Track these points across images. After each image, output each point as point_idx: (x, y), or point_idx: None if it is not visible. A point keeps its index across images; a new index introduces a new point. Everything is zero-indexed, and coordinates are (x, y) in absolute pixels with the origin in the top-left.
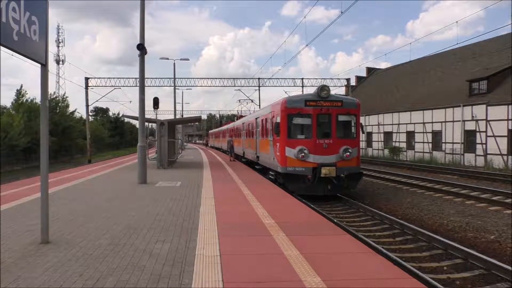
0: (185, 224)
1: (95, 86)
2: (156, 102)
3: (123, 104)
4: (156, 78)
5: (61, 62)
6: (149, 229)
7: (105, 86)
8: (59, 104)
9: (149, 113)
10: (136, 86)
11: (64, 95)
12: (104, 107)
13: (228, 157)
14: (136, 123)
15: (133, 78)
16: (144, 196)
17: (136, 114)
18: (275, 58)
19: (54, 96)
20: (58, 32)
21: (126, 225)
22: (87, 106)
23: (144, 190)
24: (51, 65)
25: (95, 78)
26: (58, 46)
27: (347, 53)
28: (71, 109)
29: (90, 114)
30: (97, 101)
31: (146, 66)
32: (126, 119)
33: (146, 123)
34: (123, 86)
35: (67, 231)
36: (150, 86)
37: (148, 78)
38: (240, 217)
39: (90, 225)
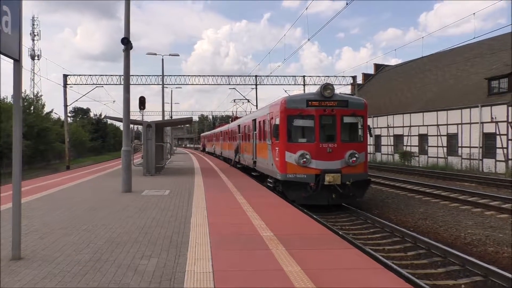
0: (174, 237)
1: (75, 84)
2: (142, 101)
3: (106, 104)
4: (142, 75)
5: (36, 58)
6: (134, 242)
7: (86, 84)
8: (33, 104)
9: (135, 114)
10: (120, 84)
11: (38, 93)
12: (85, 107)
13: (221, 163)
14: (120, 125)
15: (117, 75)
16: (128, 206)
17: (120, 115)
18: (274, 54)
19: (27, 94)
20: (33, 24)
21: (109, 239)
22: (66, 106)
23: (128, 199)
24: (25, 60)
25: (75, 75)
26: (33, 40)
27: (354, 48)
28: (47, 109)
29: (69, 115)
30: (76, 100)
31: (131, 62)
32: (109, 121)
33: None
34: (106, 84)
35: (42, 246)
36: (136, 84)
37: (133, 75)
38: (235, 229)
39: (68, 239)
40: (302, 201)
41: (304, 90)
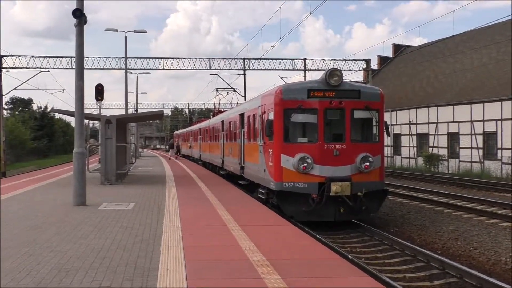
0: (140, 262)
1: (13, 67)
2: (100, 91)
3: (53, 93)
4: (100, 57)
5: None
6: (89, 270)
7: (27, 68)
8: None
9: (91, 106)
10: (72, 68)
11: None
12: (26, 97)
13: (201, 168)
14: (71, 120)
15: (67, 57)
16: (82, 223)
17: (72, 108)
18: (267, 31)
19: None
20: None
21: (56, 265)
22: (0, 95)
23: (82, 214)
24: None
25: (13, 56)
26: None
27: (368, 25)
28: None
29: (5, 107)
30: (15, 88)
31: (86, 41)
32: (58, 115)
33: (86, 121)
34: (54, 68)
35: None
36: (92, 68)
37: (89, 57)
38: (217, 252)
39: (4, 266)
40: (302, 217)
41: (304, 77)
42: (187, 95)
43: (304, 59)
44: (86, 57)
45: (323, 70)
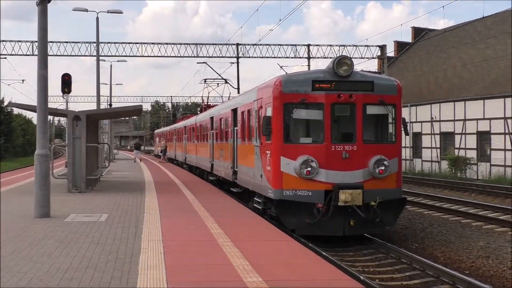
0: (114, 284)
1: None
2: (67, 82)
3: (10, 84)
4: (68, 42)
5: None
6: None
7: None
8: None
9: (56, 100)
10: (33, 55)
11: None
12: None
13: (186, 173)
14: (33, 116)
15: (28, 41)
16: (45, 239)
17: (33, 102)
18: (264, 12)
19: None
20: None
21: None
22: None
23: (45, 228)
24: None
25: None
26: None
27: (384, 5)
28: None
29: None
30: None
31: (51, 23)
32: (16, 110)
33: (51, 117)
34: (12, 54)
35: None
36: (57, 55)
37: (54, 42)
38: (206, 272)
39: None
40: (306, 230)
41: (308, 65)
42: (170, 87)
43: (308, 45)
44: (51, 42)
45: (330, 58)
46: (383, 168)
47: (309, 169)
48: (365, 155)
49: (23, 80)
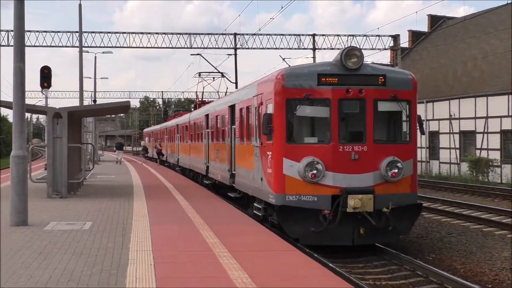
0: None
1: None
2: (47, 75)
3: None
4: (47, 31)
5: None
6: None
7: None
8: None
9: (35, 95)
10: (9, 45)
11: None
12: None
13: (178, 176)
14: (8, 113)
15: (3, 31)
16: (22, 249)
17: (9, 98)
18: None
19: None
20: None
21: None
22: None
23: (22, 237)
24: None
25: None
26: None
27: None
28: None
29: None
30: None
31: (28, 11)
32: None
33: (28, 114)
34: None
35: None
36: (36, 46)
37: (32, 31)
38: (201, 286)
39: None
40: (311, 239)
41: (314, 57)
42: (161, 81)
43: (313, 35)
44: (28, 31)
45: (338, 49)
46: (396, 170)
47: (315, 171)
48: (376, 157)
49: None
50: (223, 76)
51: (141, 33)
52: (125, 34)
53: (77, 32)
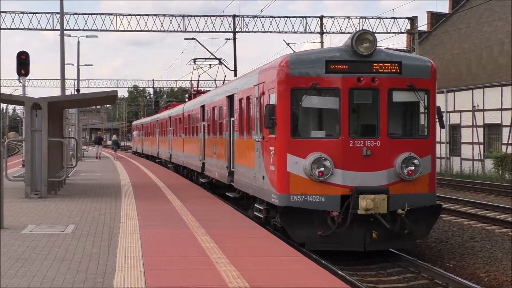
0: None
1: None
2: (24, 62)
3: None
4: (24, 12)
5: None
6: None
7: None
8: None
9: (10, 84)
10: None
11: None
12: None
13: (171, 174)
14: None
15: None
16: None
17: None
18: None
19: None
20: None
21: None
22: None
23: None
24: None
25: None
26: None
27: None
28: None
29: None
30: None
31: None
32: None
33: (3, 105)
34: None
35: None
36: (12, 29)
37: (7, 12)
38: None
39: None
40: (318, 244)
41: (321, 42)
42: (152, 68)
43: (321, 17)
44: (3, 12)
45: (348, 33)
46: (412, 168)
47: (322, 169)
48: (390, 153)
49: None
50: (220, 63)
51: (130, 15)
52: (111, 16)
53: (58, 13)
